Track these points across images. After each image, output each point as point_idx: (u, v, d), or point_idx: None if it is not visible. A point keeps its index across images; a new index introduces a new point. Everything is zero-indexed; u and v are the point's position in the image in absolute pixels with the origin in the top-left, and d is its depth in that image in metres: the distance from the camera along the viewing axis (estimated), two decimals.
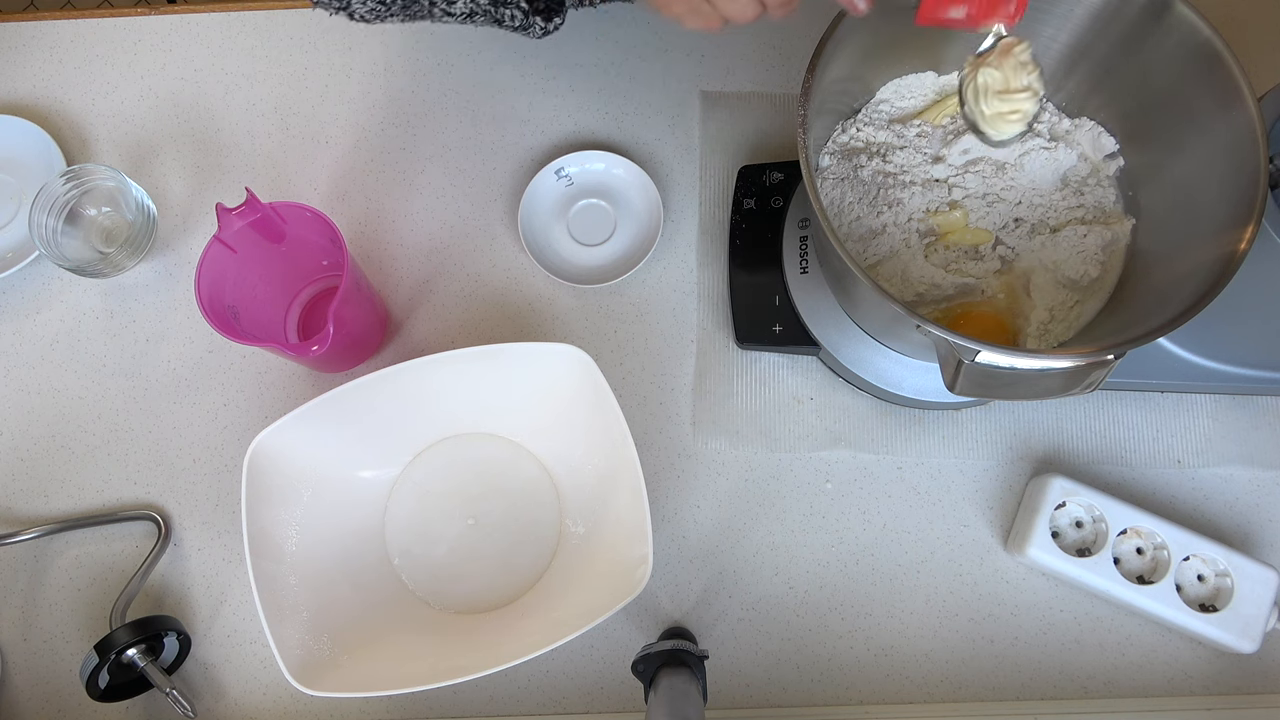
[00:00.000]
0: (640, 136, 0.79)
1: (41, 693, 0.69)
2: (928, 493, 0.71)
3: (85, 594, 0.70)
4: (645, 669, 0.61)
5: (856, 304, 0.64)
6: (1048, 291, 0.62)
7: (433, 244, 0.77)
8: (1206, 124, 0.56)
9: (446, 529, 0.69)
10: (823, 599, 0.70)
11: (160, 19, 0.82)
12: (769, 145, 0.78)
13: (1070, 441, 0.72)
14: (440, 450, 0.71)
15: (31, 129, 0.77)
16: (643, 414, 0.73)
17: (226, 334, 0.62)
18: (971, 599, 0.70)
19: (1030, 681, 0.68)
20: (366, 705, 0.68)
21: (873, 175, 0.65)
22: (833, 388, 0.73)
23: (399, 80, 0.81)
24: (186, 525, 0.71)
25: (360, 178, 0.79)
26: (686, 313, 0.75)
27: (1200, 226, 0.57)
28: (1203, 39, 0.55)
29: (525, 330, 0.75)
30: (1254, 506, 0.71)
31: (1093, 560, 0.66)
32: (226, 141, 0.80)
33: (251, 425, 0.73)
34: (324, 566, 0.65)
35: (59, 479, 0.73)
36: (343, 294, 0.62)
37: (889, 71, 0.67)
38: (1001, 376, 0.51)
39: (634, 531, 0.62)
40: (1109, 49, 0.61)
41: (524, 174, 0.78)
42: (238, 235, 0.64)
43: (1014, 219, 0.64)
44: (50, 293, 0.76)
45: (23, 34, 0.82)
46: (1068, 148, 0.65)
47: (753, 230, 0.74)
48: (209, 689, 0.69)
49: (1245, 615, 0.65)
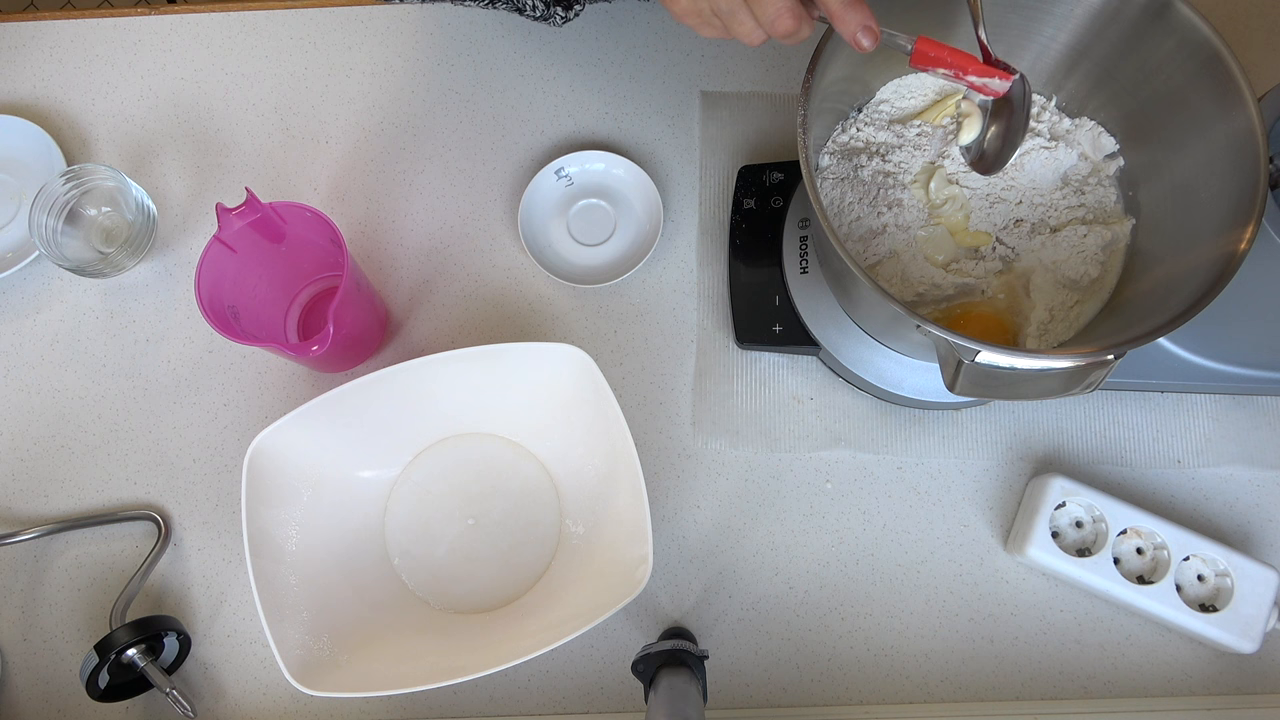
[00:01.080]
0: (640, 136, 0.79)
1: (41, 693, 0.69)
2: (928, 493, 0.71)
3: (85, 594, 0.70)
4: (645, 669, 0.61)
5: (856, 304, 0.64)
6: (1048, 291, 0.62)
7: (433, 244, 0.77)
8: (1206, 124, 0.56)
9: (446, 529, 0.69)
10: (823, 599, 0.70)
11: (160, 19, 0.82)
12: (769, 145, 0.78)
13: (1070, 441, 0.72)
14: (440, 450, 0.71)
15: (31, 129, 0.77)
16: (643, 414, 0.73)
17: (226, 334, 0.62)
18: (971, 599, 0.70)
19: (1030, 681, 0.68)
20: (366, 705, 0.68)
21: (873, 175, 0.65)
22: (833, 388, 0.73)
23: (399, 80, 0.81)
24: (186, 525, 0.71)
25: (360, 178, 0.79)
26: (686, 313, 0.75)
27: (1200, 226, 0.57)
28: (1203, 39, 0.55)
29: (525, 330, 0.75)
30: (1254, 506, 0.71)
31: (1093, 560, 0.66)
32: (226, 141, 0.80)
33: (251, 425, 0.73)
34: (324, 566, 0.65)
35: (59, 479, 0.73)
36: (343, 294, 0.62)
37: (889, 71, 0.67)
38: (1001, 376, 0.51)
39: (634, 531, 0.62)
40: (1109, 49, 0.61)
41: (524, 174, 0.78)
42: (238, 235, 0.64)
43: (1014, 219, 0.64)
44: (50, 293, 0.76)
45: (23, 34, 0.82)
46: (1068, 148, 0.65)
47: (753, 230, 0.74)
48: (209, 689, 0.69)
49: (1245, 615, 0.65)
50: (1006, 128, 0.56)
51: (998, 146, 0.56)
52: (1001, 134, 0.56)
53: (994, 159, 0.57)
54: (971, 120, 0.58)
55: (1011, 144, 0.55)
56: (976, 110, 0.57)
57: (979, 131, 0.57)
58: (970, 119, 0.58)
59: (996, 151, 0.56)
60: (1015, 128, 0.55)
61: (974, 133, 0.57)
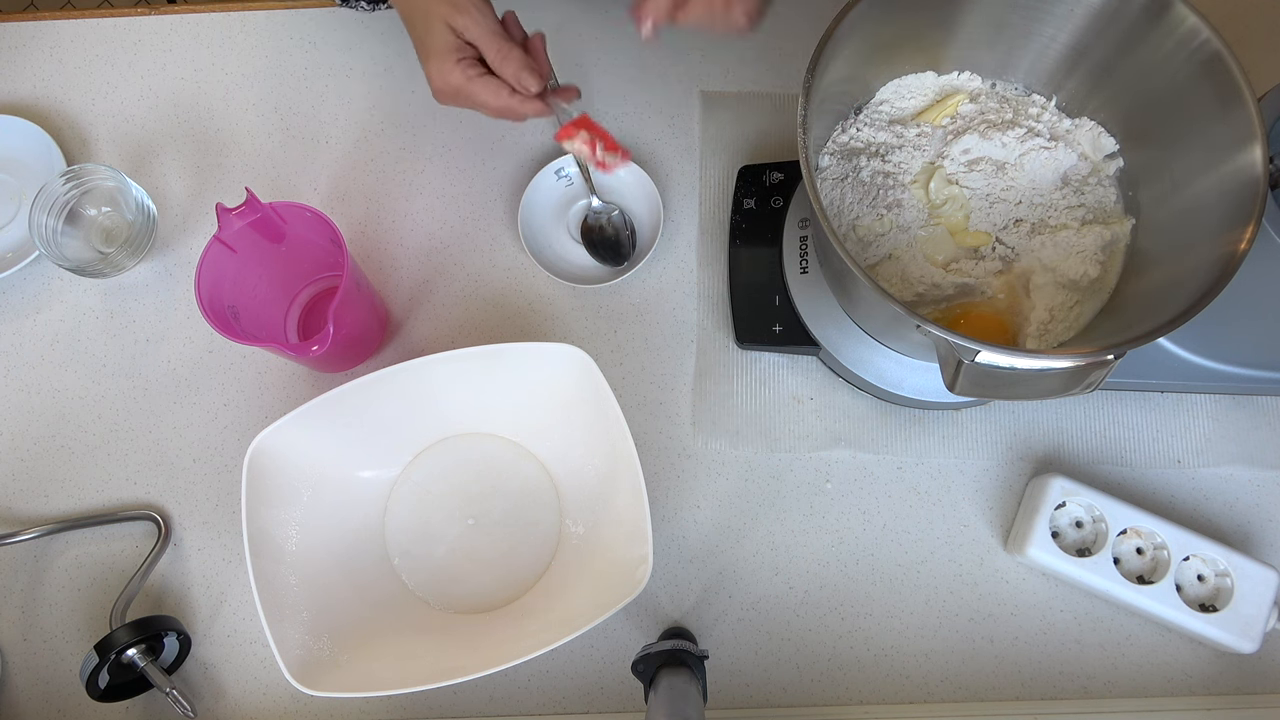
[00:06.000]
0: (640, 136, 0.79)
1: (41, 693, 0.69)
2: (928, 493, 0.71)
3: (85, 594, 0.70)
4: (645, 669, 0.61)
5: (856, 304, 0.64)
6: (1048, 292, 0.62)
7: (433, 244, 0.77)
8: (1206, 124, 0.56)
9: (446, 529, 0.69)
10: (823, 599, 0.70)
11: (160, 19, 0.82)
12: (769, 145, 0.78)
13: (1070, 441, 0.72)
14: (440, 450, 0.71)
15: (31, 129, 0.77)
16: (643, 414, 0.73)
17: (226, 334, 0.62)
18: (971, 599, 0.70)
19: (1030, 681, 0.68)
20: (366, 705, 0.68)
21: (873, 175, 0.65)
22: (833, 388, 0.73)
23: (399, 80, 0.81)
24: (186, 525, 0.71)
25: (360, 178, 0.79)
26: (686, 313, 0.75)
27: (1200, 226, 0.57)
28: (1203, 39, 0.55)
29: (525, 330, 0.75)
30: (1254, 506, 0.71)
31: (1093, 560, 0.66)
32: (226, 141, 0.80)
33: (251, 425, 0.73)
34: (324, 566, 0.65)
35: (59, 479, 0.73)
36: (343, 294, 0.62)
37: (889, 71, 0.67)
38: (1001, 376, 0.51)
39: (634, 531, 0.62)
40: (1109, 49, 0.61)
41: (524, 174, 0.78)
42: (238, 235, 0.64)
43: (1014, 219, 0.64)
44: (50, 293, 0.76)
45: (23, 34, 0.82)
46: (1068, 148, 0.65)
47: (753, 230, 0.74)
48: (209, 689, 0.69)
49: (1245, 615, 0.65)
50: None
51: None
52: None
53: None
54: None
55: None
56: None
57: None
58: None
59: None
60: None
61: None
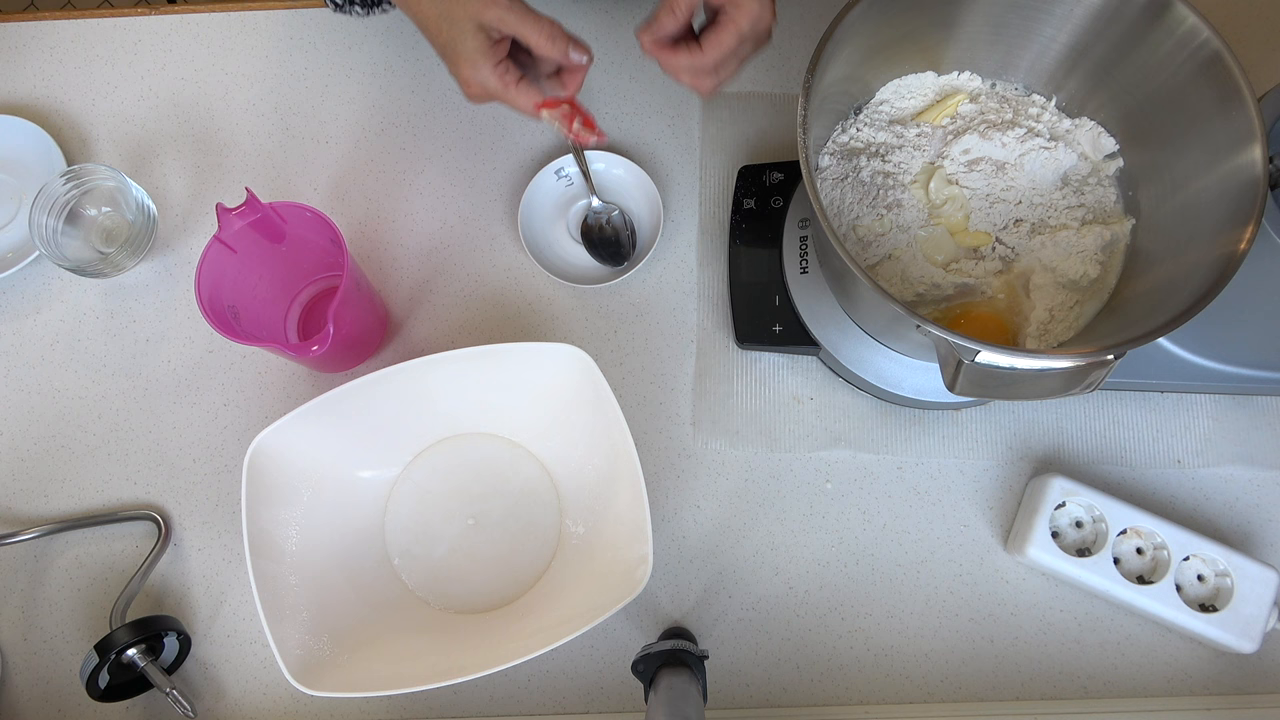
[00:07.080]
0: (640, 136, 0.79)
1: (41, 693, 0.69)
2: (928, 493, 0.71)
3: (85, 594, 0.70)
4: (645, 669, 0.61)
5: (856, 304, 0.64)
6: (1048, 292, 0.62)
7: (433, 244, 0.77)
8: (1206, 124, 0.56)
9: (446, 529, 0.69)
10: (823, 599, 0.70)
11: (160, 19, 0.82)
12: (769, 145, 0.78)
13: (1070, 441, 0.72)
14: (440, 450, 0.71)
15: (31, 129, 0.77)
16: (643, 414, 0.73)
17: (226, 334, 0.62)
18: (971, 599, 0.70)
19: (1030, 681, 0.68)
20: (366, 705, 0.68)
21: (873, 175, 0.65)
22: (833, 388, 0.73)
23: (399, 80, 0.81)
24: (186, 525, 0.71)
25: (360, 178, 0.79)
26: (686, 313, 0.75)
27: (1200, 226, 0.57)
28: (1203, 39, 0.55)
29: (525, 330, 0.75)
30: (1254, 506, 0.71)
31: (1093, 560, 0.66)
32: (226, 141, 0.80)
33: (251, 425, 0.73)
34: (324, 566, 0.65)
35: (59, 479, 0.73)
36: (343, 294, 0.62)
37: (889, 71, 0.67)
38: (1001, 376, 0.51)
39: (634, 531, 0.62)
40: (1109, 49, 0.61)
41: (524, 174, 0.78)
42: (238, 235, 0.64)
43: (1014, 219, 0.64)
44: (50, 293, 0.76)
45: (23, 34, 0.82)
46: (1068, 148, 0.65)
47: (753, 230, 0.74)
48: (209, 689, 0.69)
49: (1245, 615, 0.65)
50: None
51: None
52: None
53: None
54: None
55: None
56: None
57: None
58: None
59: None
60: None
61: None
